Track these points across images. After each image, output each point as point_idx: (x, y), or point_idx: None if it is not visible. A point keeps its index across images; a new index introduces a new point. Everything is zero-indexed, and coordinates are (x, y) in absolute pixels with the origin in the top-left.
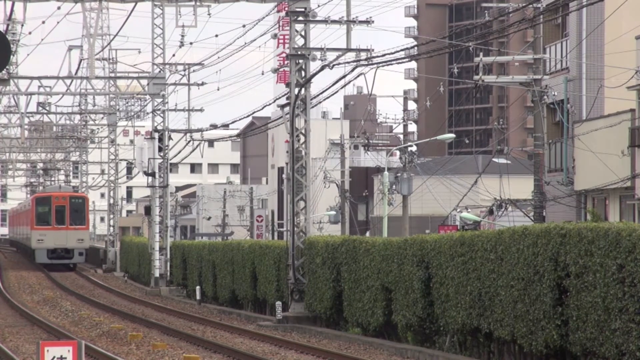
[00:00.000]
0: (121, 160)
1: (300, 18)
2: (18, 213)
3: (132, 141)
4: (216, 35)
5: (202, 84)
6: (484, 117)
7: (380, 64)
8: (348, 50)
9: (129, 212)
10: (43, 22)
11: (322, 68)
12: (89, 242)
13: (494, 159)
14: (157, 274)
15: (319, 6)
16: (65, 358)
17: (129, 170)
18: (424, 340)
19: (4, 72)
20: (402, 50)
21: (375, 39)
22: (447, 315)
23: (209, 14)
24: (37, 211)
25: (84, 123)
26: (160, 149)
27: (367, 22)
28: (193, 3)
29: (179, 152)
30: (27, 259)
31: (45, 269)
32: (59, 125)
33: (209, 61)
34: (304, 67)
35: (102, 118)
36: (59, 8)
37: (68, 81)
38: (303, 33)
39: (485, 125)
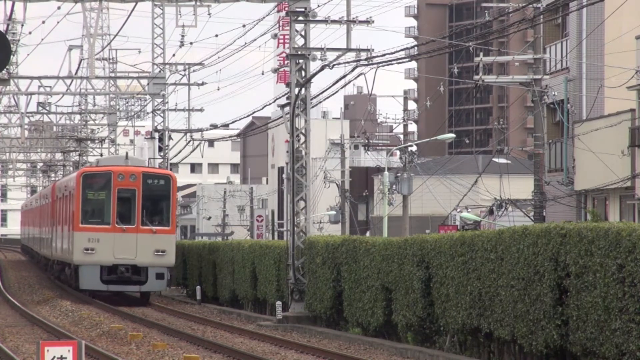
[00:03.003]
0: None
1: (300, 18)
2: (40, 206)
3: (132, 141)
4: (216, 35)
5: (202, 84)
6: (484, 117)
7: (380, 64)
8: (348, 50)
9: None
10: (43, 22)
11: (322, 68)
12: (174, 254)
13: (494, 159)
14: None
15: (318, 6)
16: (66, 358)
17: None
18: (424, 340)
19: (4, 72)
20: (402, 50)
21: (375, 39)
22: (447, 315)
23: (209, 14)
24: (86, 198)
25: (84, 123)
26: (160, 149)
27: (367, 22)
28: (193, 3)
29: (179, 152)
30: (50, 280)
31: (94, 298)
32: (59, 125)
33: (209, 61)
34: (304, 67)
35: (102, 118)
36: (59, 8)
37: (68, 81)
38: (303, 33)
39: (485, 125)
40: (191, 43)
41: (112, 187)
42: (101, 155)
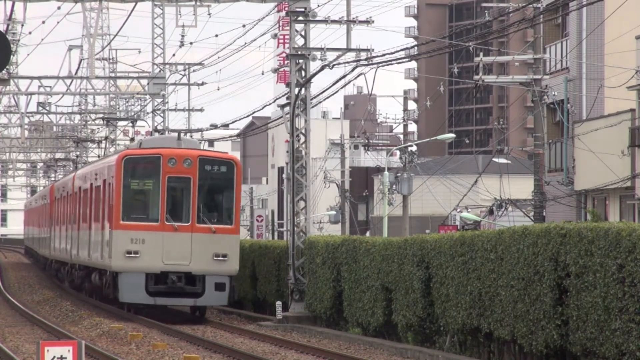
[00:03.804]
0: None
1: (300, 18)
2: (52, 202)
3: (132, 141)
4: (216, 35)
5: (202, 84)
6: (484, 117)
7: (380, 64)
8: (348, 50)
9: None
10: (43, 22)
11: (322, 68)
12: (238, 260)
13: (494, 159)
14: None
15: (318, 6)
16: (66, 358)
17: None
18: (424, 340)
19: (4, 72)
20: (402, 50)
21: (375, 39)
22: (447, 315)
23: (209, 14)
24: (127, 188)
25: (84, 123)
26: None
27: (367, 22)
28: (193, 3)
29: None
30: (68, 289)
31: (136, 313)
32: (59, 125)
33: (209, 61)
34: (304, 67)
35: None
36: (59, 8)
37: (68, 81)
38: (303, 33)
39: (485, 125)
40: (191, 43)
41: (161, 174)
42: (99, 156)
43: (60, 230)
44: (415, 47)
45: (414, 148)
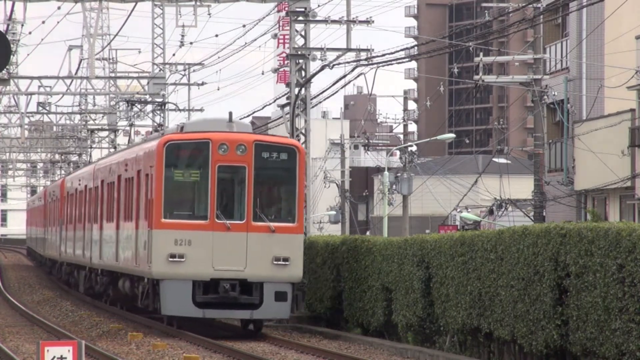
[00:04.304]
0: None
1: (300, 18)
2: (64, 198)
3: (130, 141)
4: (216, 35)
5: (202, 84)
6: (484, 117)
7: (380, 64)
8: (348, 50)
9: None
10: (43, 22)
11: (322, 68)
12: (301, 263)
13: (494, 159)
14: None
15: (319, 6)
16: (65, 358)
17: None
18: (424, 340)
19: (4, 72)
20: (402, 50)
21: (375, 39)
22: (447, 315)
23: (209, 14)
24: (170, 178)
25: (84, 123)
26: None
27: (367, 22)
28: (193, 3)
29: None
30: (91, 300)
31: (179, 328)
32: (59, 125)
33: (209, 61)
34: (304, 67)
35: (102, 118)
36: (59, 8)
37: (68, 81)
38: (303, 33)
39: (485, 125)
40: (191, 43)
41: (210, 163)
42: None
43: (75, 229)
44: (415, 47)
45: (414, 148)
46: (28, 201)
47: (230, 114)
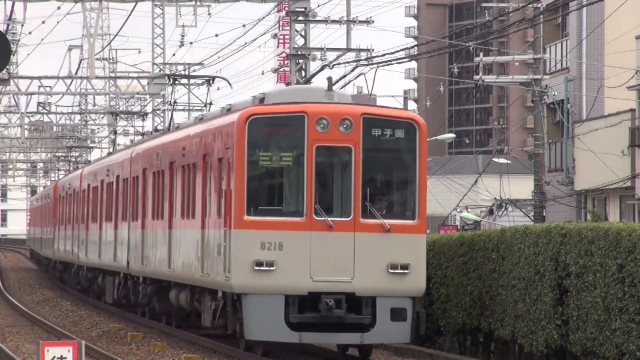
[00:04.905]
0: None
1: (300, 18)
2: (82, 191)
3: (132, 141)
4: (216, 35)
5: (202, 83)
6: (484, 117)
7: (380, 64)
8: (348, 50)
9: None
10: (43, 22)
11: (322, 68)
12: (425, 273)
13: (494, 159)
14: None
15: (318, 6)
16: (65, 358)
17: None
18: (424, 340)
19: (4, 72)
20: (402, 50)
21: (375, 39)
22: (447, 315)
23: (209, 14)
24: (254, 163)
25: (84, 123)
26: None
27: (367, 22)
28: (193, 3)
29: None
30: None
31: (266, 356)
32: (59, 125)
33: (209, 61)
34: (304, 67)
35: (102, 118)
36: (59, 8)
37: (68, 81)
38: (303, 33)
39: (485, 125)
40: (191, 43)
41: (306, 143)
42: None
43: (101, 229)
44: (415, 47)
45: None
46: (31, 199)
47: (330, 79)
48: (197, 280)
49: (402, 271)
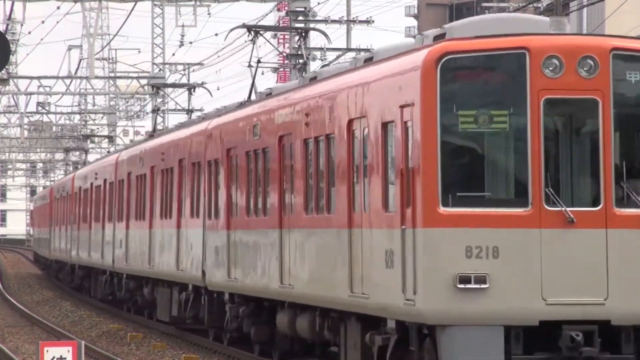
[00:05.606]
0: None
1: (300, 18)
2: (117, 183)
3: (132, 141)
4: (216, 35)
5: (202, 84)
6: None
7: None
8: (348, 50)
9: None
10: (42, 22)
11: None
12: None
13: None
14: None
15: (318, 3)
16: (65, 358)
17: None
18: None
19: (3, 72)
20: None
21: (375, 39)
22: None
23: (208, 14)
24: (451, 129)
25: (83, 123)
26: None
27: (367, 22)
28: (193, 3)
29: None
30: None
31: None
32: (59, 125)
33: (209, 61)
34: (304, 67)
35: (102, 118)
36: (58, 8)
37: (68, 81)
38: (303, 33)
39: None
40: (191, 43)
41: (528, 95)
42: (108, 152)
43: (150, 227)
44: None
45: None
46: (35, 198)
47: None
48: (331, 302)
49: None
